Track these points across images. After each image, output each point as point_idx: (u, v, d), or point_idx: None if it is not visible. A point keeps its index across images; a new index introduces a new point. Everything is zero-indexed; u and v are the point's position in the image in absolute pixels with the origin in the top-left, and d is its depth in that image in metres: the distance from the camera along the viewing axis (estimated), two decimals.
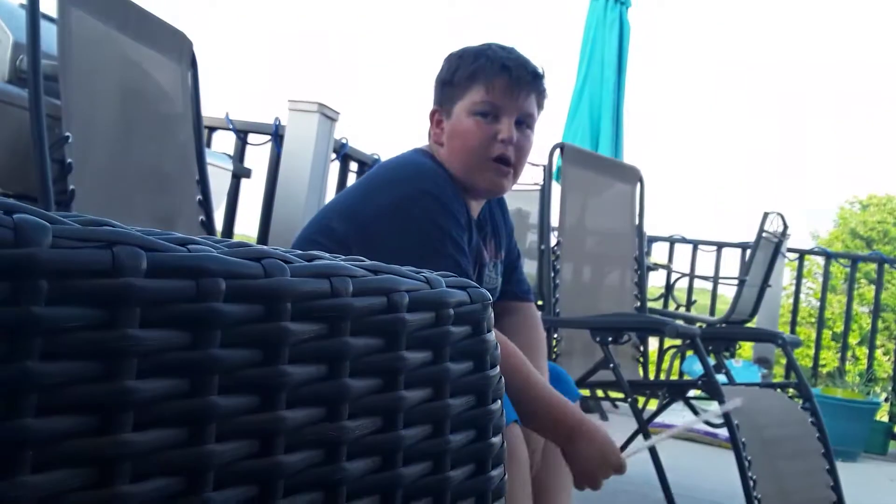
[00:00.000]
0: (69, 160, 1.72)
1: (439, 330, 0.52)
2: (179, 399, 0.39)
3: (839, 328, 4.88)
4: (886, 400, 4.16)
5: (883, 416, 4.16)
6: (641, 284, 2.93)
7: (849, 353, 5.17)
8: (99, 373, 0.36)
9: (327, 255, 0.48)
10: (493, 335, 0.56)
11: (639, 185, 2.89)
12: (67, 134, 1.74)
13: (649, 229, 5.03)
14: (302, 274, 0.44)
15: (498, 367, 0.57)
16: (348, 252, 1.24)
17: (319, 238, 1.31)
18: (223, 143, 2.89)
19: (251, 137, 2.85)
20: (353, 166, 3.12)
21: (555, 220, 2.81)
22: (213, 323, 0.40)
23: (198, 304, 0.39)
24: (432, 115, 1.39)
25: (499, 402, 0.57)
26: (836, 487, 2.15)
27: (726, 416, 1.99)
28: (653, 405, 2.93)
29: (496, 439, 0.56)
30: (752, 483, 1.93)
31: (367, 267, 0.49)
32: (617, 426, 3.44)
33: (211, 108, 2.76)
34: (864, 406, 3.82)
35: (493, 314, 0.56)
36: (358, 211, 1.30)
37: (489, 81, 1.31)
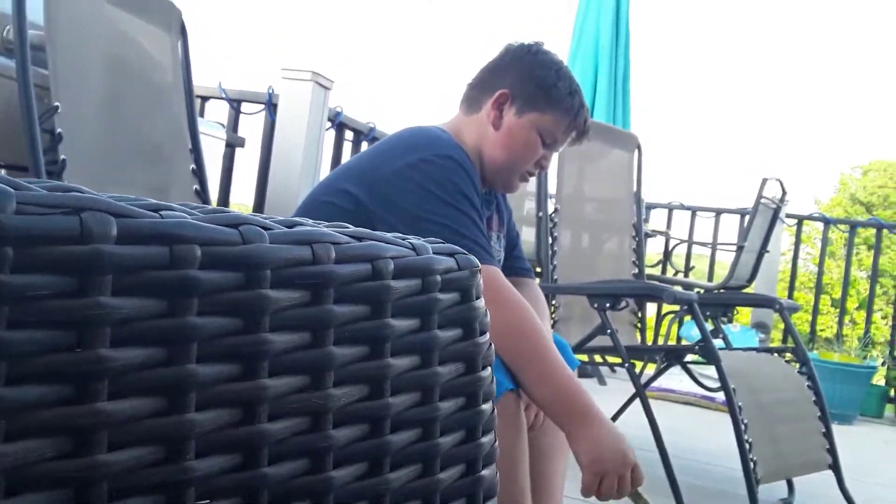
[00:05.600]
0: (59, 130, 1.70)
1: (426, 297, 0.51)
2: (157, 368, 0.38)
3: (837, 294, 4.89)
4: (883, 364, 4.18)
5: (879, 379, 4.18)
6: (639, 251, 2.92)
7: (847, 318, 5.18)
8: (71, 341, 0.35)
9: (310, 221, 0.47)
10: (482, 302, 0.55)
11: (637, 152, 2.87)
12: (57, 104, 1.71)
13: (648, 196, 5.02)
14: (282, 241, 0.43)
15: (487, 334, 0.56)
16: (365, 213, 1.25)
17: (333, 199, 1.30)
18: (217, 112, 2.86)
19: (245, 106, 2.82)
20: (349, 135, 3.09)
21: (552, 187, 2.79)
22: (190, 290, 0.39)
23: (172, 272, 0.38)
24: (502, 96, 1.38)
25: (488, 369, 0.56)
26: (832, 450, 2.17)
27: (723, 380, 2.00)
28: (651, 369, 2.95)
29: (486, 406, 0.56)
30: (748, 446, 1.94)
31: (351, 233, 0.48)
32: (615, 391, 3.47)
33: (204, 78, 2.73)
34: (860, 370, 3.84)
35: (482, 281, 0.55)
36: (375, 173, 1.29)
37: (570, 123, 1.41)
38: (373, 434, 0.48)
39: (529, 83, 1.38)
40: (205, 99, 2.81)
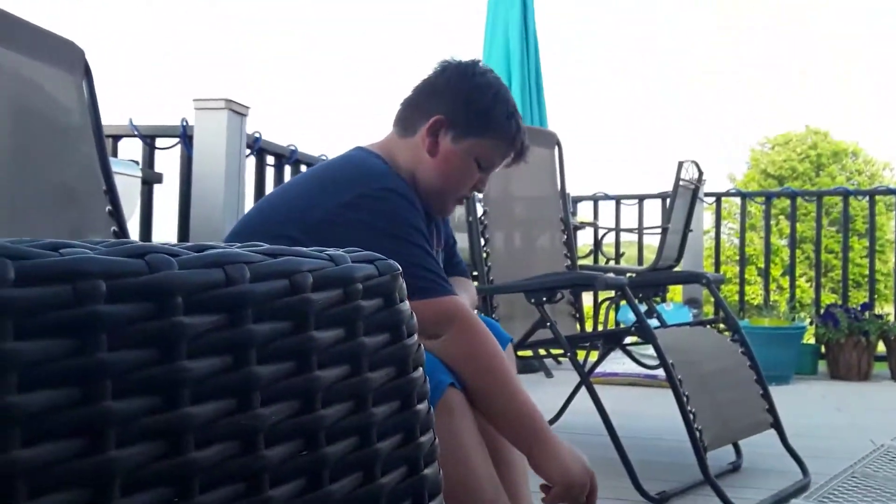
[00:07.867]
0: None
1: (349, 306, 0.51)
2: (71, 408, 0.37)
3: (763, 263, 5.08)
4: (811, 323, 4.36)
5: (810, 339, 4.36)
6: (570, 244, 2.97)
7: (774, 286, 5.40)
8: None
9: (222, 244, 0.47)
10: (406, 305, 0.55)
11: (557, 148, 2.92)
12: None
13: (574, 190, 5.11)
14: (192, 265, 0.42)
15: (415, 335, 0.56)
16: None
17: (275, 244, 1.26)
18: (131, 150, 2.79)
19: (159, 141, 2.76)
20: (270, 160, 3.06)
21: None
22: (97, 326, 0.38)
23: (78, 309, 0.37)
24: (437, 122, 1.34)
25: (420, 369, 0.57)
26: (772, 410, 2.25)
27: (661, 356, 2.05)
28: (595, 357, 3.01)
29: (422, 406, 0.56)
30: (692, 416, 2.00)
31: (265, 251, 0.47)
32: (562, 381, 3.52)
33: (115, 116, 2.66)
34: (790, 331, 4.00)
35: (404, 284, 0.56)
36: (314, 214, 1.26)
37: (507, 148, 1.39)
38: (308, 448, 0.48)
39: (466, 108, 1.35)
40: (116, 138, 2.74)
